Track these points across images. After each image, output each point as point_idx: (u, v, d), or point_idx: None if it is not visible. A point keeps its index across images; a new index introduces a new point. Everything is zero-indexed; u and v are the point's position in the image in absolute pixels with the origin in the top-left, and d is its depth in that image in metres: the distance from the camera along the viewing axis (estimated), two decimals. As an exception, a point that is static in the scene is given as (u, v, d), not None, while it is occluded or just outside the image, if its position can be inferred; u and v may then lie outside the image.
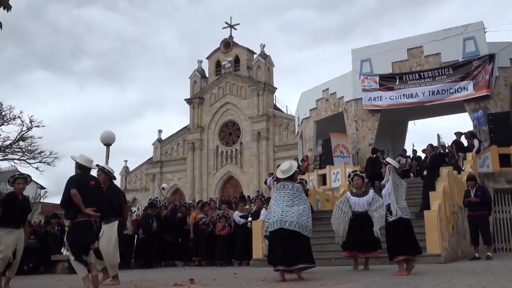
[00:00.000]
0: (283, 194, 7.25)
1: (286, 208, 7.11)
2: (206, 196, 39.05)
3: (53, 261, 13.12)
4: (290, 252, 6.94)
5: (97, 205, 6.49)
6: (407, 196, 13.13)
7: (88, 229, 6.40)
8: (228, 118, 44.59)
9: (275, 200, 7.32)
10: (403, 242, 7.74)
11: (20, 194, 7.69)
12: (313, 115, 22.21)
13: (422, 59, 18.62)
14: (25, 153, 32.62)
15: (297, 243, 7.01)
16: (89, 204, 6.35)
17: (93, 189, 6.58)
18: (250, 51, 45.48)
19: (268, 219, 7.33)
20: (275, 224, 7.08)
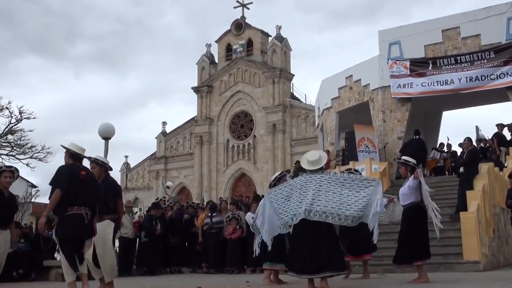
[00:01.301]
0: (309, 182, 6.79)
1: (317, 194, 6.64)
2: (216, 195, 39.20)
3: (45, 267, 13.23)
4: (318, 254, 6.57)
5: (89, 199, 6.57)
6: (441, 195, 13.10)
7: (79, 222, 6.44)
8: (240, 109, 44.61)
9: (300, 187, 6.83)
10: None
11: (6, 190, 7.73)
12: (335, 105, 22.12)
13: (459, 42, 18.42)
14: (14, 147, 32.94)
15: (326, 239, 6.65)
16: (80, 198, 6.45)
17: (84, 180, 6.65)
18: (265, 34, 45.38)
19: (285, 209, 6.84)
20: (298, 216, 6.63)
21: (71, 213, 6.44)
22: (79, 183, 6.58)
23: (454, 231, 11.53)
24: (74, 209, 6.47)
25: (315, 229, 6.55)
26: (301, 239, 6.64)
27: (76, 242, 6.62)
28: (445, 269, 10.37)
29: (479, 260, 10.26)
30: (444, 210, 13.24)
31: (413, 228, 8.02)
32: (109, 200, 7.39)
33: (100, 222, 7.23)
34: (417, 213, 8.05)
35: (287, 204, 6.84)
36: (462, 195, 12.05)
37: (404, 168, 8.44)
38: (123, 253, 14.46)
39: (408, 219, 8.09)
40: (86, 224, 6.56)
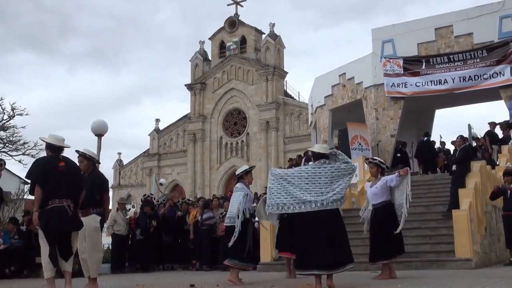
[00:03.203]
0: (319, 171, 6.56)
1: (326, 186, 6.43)
2: (209, 192, 39.14)
3: (38, 264, 13.10)
4: (332, 247, 6.33)
5: (70, 190, 6.39)
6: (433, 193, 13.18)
7: (62, 215, 6.25)
8: (233, 106, 44.57)
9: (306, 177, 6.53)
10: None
11: None
12: (328, 103, 22.13)
13: (452, 40, 18.46)
14: (6, 144, 32.80)
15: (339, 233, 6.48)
16: (62, 190, 6.29)
17: (63, 172, 6.43)
18: (258, 31, 45.35)
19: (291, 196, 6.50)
20: (312, 204, 6.35)
21: (52, 206, 6.24)
22: (59, 175, 6.36)
23: (446, 228, 11.56)
24: (56, 201, 6.26)
25: (326, 220, 6.37)
26: (313, 233, 6.36)
27: (60, 236, 6.37)
28: (437, 267, 10.40)
29: (471, 258, 10.29)
30: (436, 208, 13.32)
31: (386, 226, 8.09)
32: (95, 193, 7.25)
33: (85, 217, 7.11)
34: (390, 211, 8.24)
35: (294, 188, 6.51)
36: (454, 193, 12.07)
37: (376, 169, 8.54)
38: (116, 250, 14.43)
39: (382, 217, 8.18)
40: (70, 217, 6.33)
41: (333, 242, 6.32)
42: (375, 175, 8.60)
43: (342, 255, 6.39)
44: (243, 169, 8.51)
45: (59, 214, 6.23)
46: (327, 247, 6.25)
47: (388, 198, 8.34)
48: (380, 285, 6.95)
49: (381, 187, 8.31)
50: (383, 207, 8.27)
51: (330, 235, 6.32)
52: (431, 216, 12.98)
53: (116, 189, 48.78)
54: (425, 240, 11.87)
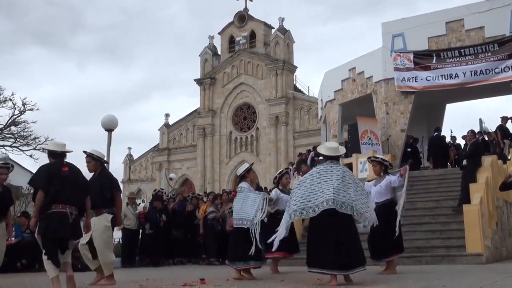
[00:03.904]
0: (330, 172, 6.58)
1: (338, 187, 6.43)
2: (219, 187, 39.24)
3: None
4: (348, 248, 6.34)
5: (74, 196, 6.33)
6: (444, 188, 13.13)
7: (63, 221, 6.18)
8: (242, 101, 44.58)
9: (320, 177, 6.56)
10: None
11: (0, 185, 7.72)
12: (338, 97, 22.07)
13: (463, 34, 18.32)
14: (17, 139, 33.01)
15: (353, 234, 6.53)
16: (65, 195, 6.23)
17: (66, 177, 6.36)
18: (268, 26, 45.28)
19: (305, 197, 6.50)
20: (325, 204, 6.33)
21: (54, 211, 6.16)
22: (63, 180, 6.30)
23: (457, 223, 11.54)
24: (59, 207, 6.18)
25: (341, 222, 6.40)
26: (328, 232, 6.37)
27: (59, 242, 6.30)
28: (448, 262, 10.39)
29: (481, 253, 10.26)
30: (447, 202, 13.29)
31: (389, 224, 8.06)
32: (105, 192, 7.28)
33: (97, 217, 7.17)
34: (392, 210, 8.19)
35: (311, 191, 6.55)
36: (465, 187, 12.04)
37: (379, 167, 8.48)
38: (126, 244, 14.50)
39: (384, 216, 8.11)
40: (69, 224, 6.23)
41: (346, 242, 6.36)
42: (378, 173, 8.54)
43: (356, 257, 6.42)
44: (245, 168, 8.48)
45: (59, 220, 6.17)
46: (341, 248, 6.28)
47: (392, 196, 8.33)
48: (389, 281, 6.93)
49: (385, 186, 8.28)
50: (385, 205, 8.24)
51: (342, 236, 6.35)
52: (442, 211, 12.95)
53: (126, 183, 49.00)
54: (435, 235, 11.85)
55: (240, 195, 8.13)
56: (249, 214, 7.85)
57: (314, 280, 6.99)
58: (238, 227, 8.03)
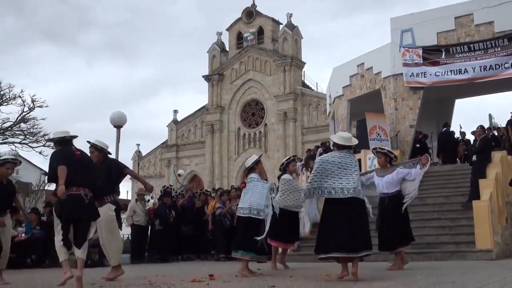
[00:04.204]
0: (347, 162, 6.70)
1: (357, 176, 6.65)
2: (227, 183, 39.26)
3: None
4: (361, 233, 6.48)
5: (87, 179, 6.38)
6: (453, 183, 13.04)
7: (79, 202, 6.22)
8: (251, 97, 44.57)
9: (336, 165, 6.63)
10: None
11: (4, 178, 7.75)
12: (347, 93, 22.01)
13: (472, 29, 18.21)
14: (27, 136, 33.19)
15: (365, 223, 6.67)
16: (79, 178, 6.26)
17: (79, 160, 6.43)
18: (276, 21, 45.20)
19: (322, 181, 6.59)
20: (345, 191, 6.47)
21: (69, 193, 6.17)
22: (76, 164, 6.34)
23: (467, 219, 11.50)
24: (73, 189, 6.20)
25: (355, 210, 6.51)
26: (339, 221, 6.46)
27: (76, 224, 6.33)
28: (457, 258, 10.35)
29: (491, 249, 10.22)
30: (456, 198, 13.24)
31: (400, 215, 8.09)
32: (113, 178, 7.36)
33: (101, 207, 7.16)
34: (399, 202, 8.17)
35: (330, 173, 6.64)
36: (475, 183, 12.00)
37: (384, 158, 8.42)
38: (135, 240, 14.56)
39: (394, 207, 8.11)
40: (86, 205, 6.28)
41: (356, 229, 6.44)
42: (383, 164, 8.46)
43: (363, 241, 6.50)
44: (254, 160, 8.44)
45: (75, 202, 6.21)
46: (350, 232, 6.38)
47: (400, 188, 8.29)
48: (398, 276, 6.92)
49: (397, 178, 8.22)
50: (395, 196, 8.20)
51: (354, 223, 6.45)
52: (451, 206, 12.91)
53: (134, 180, 49.08)
54: (445, 231, 11.81)
55: (249, 185, 8.02)
56: (257, 204, 7.78)
57: (323, 276, 7.00)
58: (243, 216, 7.89)
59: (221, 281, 6.85)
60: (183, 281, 6.91)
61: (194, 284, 6.48)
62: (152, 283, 6.79)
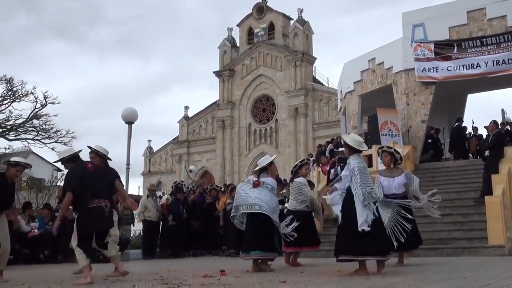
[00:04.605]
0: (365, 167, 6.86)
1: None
2: (238, 179, 39.32)
3: (71, 249, 13.39)
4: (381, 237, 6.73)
5: (104, 189, 6.76)
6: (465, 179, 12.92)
7: (101, 215, 6.61)
8: (261, 93, 44.55)
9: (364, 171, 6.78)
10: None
11: (11, 180, 7.80)
12: (358, 89, 21.93)
13: (485, 23, 18.06)
14: (39, 132, 33.42)
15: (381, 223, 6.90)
16: (97, 191, 6.61)
17: (93, 172, 6.78)
18: (286, 17, 45.12)
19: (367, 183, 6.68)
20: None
21: (92, 206, 6.55)
22: (91, 176, 6.69)
23: (479, 215, 11.44)
24: (95, 202, 6.59)
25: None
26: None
27: (97, 235, 6.81)
28: (470, 253, 10.30)
29: (504, 244, 10.15)
30: (468, 194, 13.17)
31: (412, 215, 8.10)
32: (112, 188, 7.47)
33: None
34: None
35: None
36: (487, 178, 11.92)
37: (390, 158, 8.33)
38: (147, 236, 14.62)
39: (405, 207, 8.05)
40: (106, 217, 6.70)
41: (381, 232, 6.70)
42: (388, 164, 8.37)
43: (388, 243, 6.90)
44: (268, 161, 8.40)
45: (97, 214, 6.58)
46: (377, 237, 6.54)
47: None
48: (410, 272, 6.91)
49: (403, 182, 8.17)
50: (404, 198, 8.13)
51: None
52: (463, 202, 12.85)
53: (146, 176, 49.38)
54: (456, 227, 11.76)
55: (265, 191, 7.93)
56: (267, 202, 7.78)
57: (334, 272, 7.00)
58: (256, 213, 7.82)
59: (233, 277, 6.86)
60: (194, 277, 6.93)
61: (206, 280, 6.50)
62: (163, 278, 6.82)
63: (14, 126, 33.46)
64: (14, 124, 33.46)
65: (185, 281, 6.35)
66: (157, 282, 6.38)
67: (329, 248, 10.54)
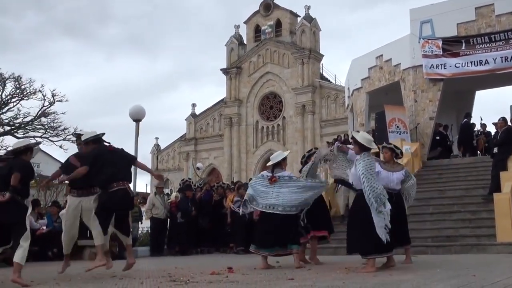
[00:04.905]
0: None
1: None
2: (246, 176, 39.33)
3: (79, 246, 13.44)
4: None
5: (124, 173, 7.05)
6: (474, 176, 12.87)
7: (125, 196, 6.95)
8: (269, 90, 44.52)
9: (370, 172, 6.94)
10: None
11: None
12: (365, 86, 21.89)
13: (493, 19, 17.98)
14: (47, 130, 33.63)
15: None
16: (118, 173, 6.92)
17: (112, 155, 7.10)
18: (293, 14, 45.04)
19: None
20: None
21: (117, 188, 6.84)
22: (110, 157, 6.99)
23: (487, 212, 11.39)
24: (120, 184, 6.89)
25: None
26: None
27: (121, 216, 7.09)
28: (478, 251, 10.27)
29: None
30: (477, 191, 13.12)
31: (405, 213, 8.05)
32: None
33: (88, 197, 7.09)
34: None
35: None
36: (496, 176, 11.87)
37: (390, 153, 8.26)
38: (154, 233, 14.66)
39: (402, 203, 7.99)
40: (131, 198, 7.11)
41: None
42: (390, 159, 8.30)
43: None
44: (283, 156, 8.43)
45: (122, 195, 6.88)
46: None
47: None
48: (418, 269, 6.90)
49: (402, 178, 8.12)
50: (401, 194, 8.08)
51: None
52: (471, 199, 12.80)
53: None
54: (465, 224, 11.72)
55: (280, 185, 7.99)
56: (288, 200, 7.84)
57: (341, 269, 7.00)
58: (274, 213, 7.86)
59: (240, 274, 6.88)
60: (202, 274, 6.95)
61: (213, 277, 6.52)
62: (171, 275, 6.84)
63: (22, 124, 33.67)
64: (23, 122, 33.67)
65: (193, 278, 6.37)
66: (165, 279, 6.40)
67: (336, 246, 10.61)
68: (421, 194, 14.06)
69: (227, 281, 5.93)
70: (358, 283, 5.44)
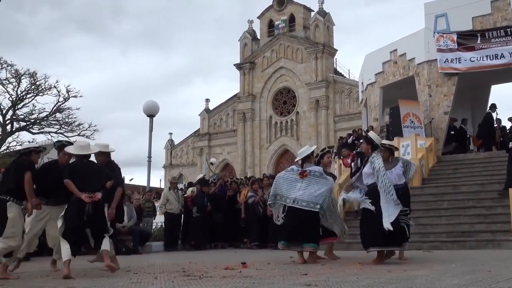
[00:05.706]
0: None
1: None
2: (259, 171, 39.34)
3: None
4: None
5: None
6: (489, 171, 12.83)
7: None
8: (282, 85, 44.43)
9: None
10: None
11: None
12: (379, 80, 21.79)
13: (509, 13, 17.81)
14: (62, 125, 33.90)
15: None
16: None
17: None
18: (307, 9, 44.87)
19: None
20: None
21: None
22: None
23: (503, 207, 11.31)
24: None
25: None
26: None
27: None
28: (493, 247, 10.20)
29: (529, 237, 10.04)
30: (492, 186, 13.02)
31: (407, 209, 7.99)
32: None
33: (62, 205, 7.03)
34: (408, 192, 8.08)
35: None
36: (511, 171, 11.77)
37: (388, 153, 8.18)
38: (168, 228, 14.72)
39: (406, 198, 7.91)
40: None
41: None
42: (387, 158, 8.21)
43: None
44: (310, 150, 8.41)
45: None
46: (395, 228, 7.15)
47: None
48: (433, 265, 6.86)
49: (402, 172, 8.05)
50: (405, 187, 8.01)
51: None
52: (487, 194, 12.71)
53: (167, 168, 49.69)
54: (480, 219, 11.64)
55: (317, 180, 8.01)
56: (314, 197, 7.87)
57: (355, 264, 6.99)
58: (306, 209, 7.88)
59: (254, 269, 6.88)
60: (216, 269, 6.97)
61: (227, 272, 6.53)
62: (185, 270, 6.87)
63: (37, 120, 33.95)
64: (38, 117, 33.95)
65: (207, 273, 6.39)
66: (179, 274, 6.43)
67: (350, 241, 10.57)
68: (436, 189, 14.02)
69: (241, 276, 5.94)
70: (371, 278, 5.43)
